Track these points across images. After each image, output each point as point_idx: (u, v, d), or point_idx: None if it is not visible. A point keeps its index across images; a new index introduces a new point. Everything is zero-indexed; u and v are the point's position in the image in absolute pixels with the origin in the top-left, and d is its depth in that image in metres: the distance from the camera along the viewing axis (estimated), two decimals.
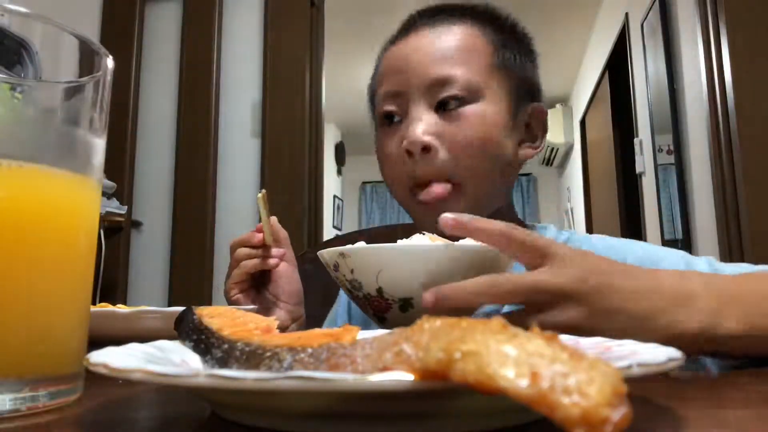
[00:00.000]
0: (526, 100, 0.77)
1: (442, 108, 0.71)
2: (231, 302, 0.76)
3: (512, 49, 0.76)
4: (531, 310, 0.41)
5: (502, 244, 0.44)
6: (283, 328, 0.73)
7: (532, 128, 0.79)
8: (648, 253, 0.69)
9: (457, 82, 0.70)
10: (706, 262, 0.65)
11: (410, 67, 0.72)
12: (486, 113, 0.71)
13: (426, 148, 0.68)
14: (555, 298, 0.40)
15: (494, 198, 0.75)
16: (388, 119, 0.75)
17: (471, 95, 0.71)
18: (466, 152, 0.69)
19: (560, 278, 0.40)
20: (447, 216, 0.44)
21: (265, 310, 0.76)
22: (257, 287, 0.77)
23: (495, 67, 0.73)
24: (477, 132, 0.70)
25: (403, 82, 0.72)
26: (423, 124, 0.69)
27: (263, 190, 0.75)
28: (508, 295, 0.41)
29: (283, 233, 0.79)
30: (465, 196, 0.70)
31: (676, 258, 0.67)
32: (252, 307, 0.56)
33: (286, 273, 0.77)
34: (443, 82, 0.70)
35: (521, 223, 0.78)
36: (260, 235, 0.76)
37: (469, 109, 0.71)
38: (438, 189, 0.69)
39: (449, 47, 0.73)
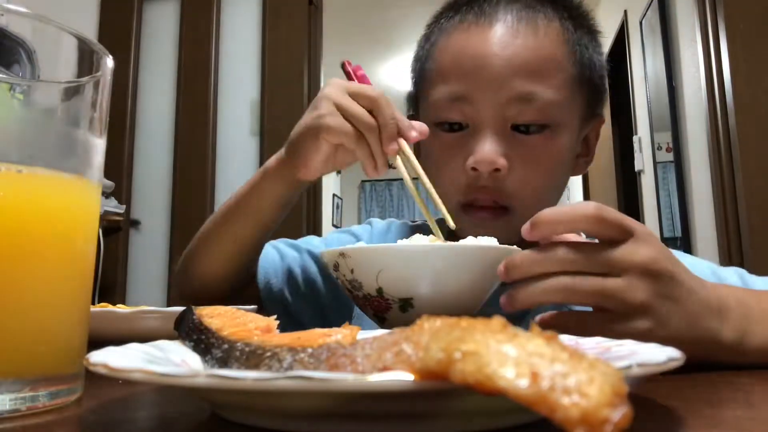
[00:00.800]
0: (594, 113, 0.72)
1: (518, 130, 0.64)
2: (313, 136, 0.62)
3: (587, 45, 0.69)
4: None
5: (593, 227, 0.41)
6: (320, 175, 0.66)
7: (590, 140, 0.74)
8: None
9: (539, 102, 0.63)
10: (735, 274, 0.62)
11: (487, 72, 0.63)
12: (560, 144, 0.66)
13: (497, 170, 0.62)
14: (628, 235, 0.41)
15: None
16: (451, 126, 0.66)
17: (549, 120, 0.64)
18: (532, 180, 0.64)
19: (637, 257, 0.40)
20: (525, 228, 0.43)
21: (332, 157, 0.64)
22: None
23: (575, 81, 0.67)
24: (549, 163, 0.65)
25: (476, 88, 0.64)
26: (495, 144, 0.63)
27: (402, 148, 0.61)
28: (587, 297, 0.41)
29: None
30: (516, 216, 0.64)
31: (702, 267, 0.64)
32: (252, 307, 0.55)
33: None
34: (525, 99, 0.63)
35: None
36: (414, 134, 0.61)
37: (545, 138, 0.65)
38: (491, 212, 0.64)
39: (535, 56, 0.64)
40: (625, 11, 3.27)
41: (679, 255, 0.64)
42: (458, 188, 0.65)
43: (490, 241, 0.51)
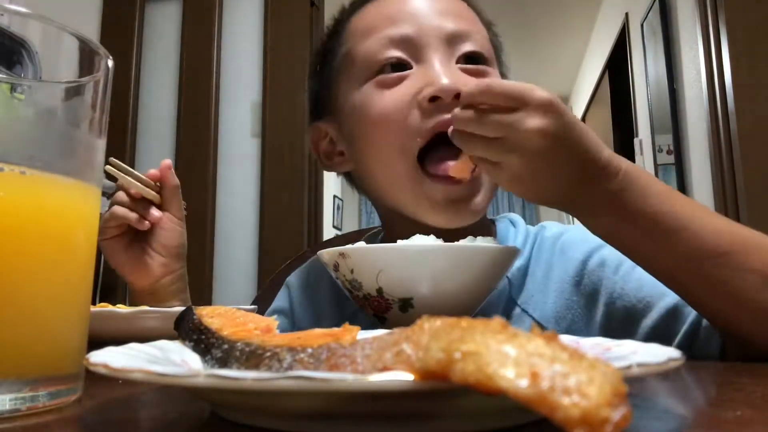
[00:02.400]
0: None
1: (465, 62, 0.63)
2: (101, 246, 0.72)
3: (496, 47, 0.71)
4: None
5: (482, 97, 0.47)
6: (152, 281, 0.73)
7: None
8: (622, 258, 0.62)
9: (477, 41, 0.64)
10: None
11: (423, 12, 0.63)
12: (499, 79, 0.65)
13: (458, 95, 0.55)
14: (535, 106, 0.46)
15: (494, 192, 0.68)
16: (390, 68, 0.62)
17: (488, 58, 0.65)
18: None
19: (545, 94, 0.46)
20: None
21: (135, 259, 0.73)
22: (135, 235, 0.74)
23: (493, 47, 0.69)
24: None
25: (416, 28, 0.62)
26: (450, 74, 0.60)
27: (110, 159, 0.69)
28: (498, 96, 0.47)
29: (173, 182, 0.75)
30: (481, 189, 0.62)
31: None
32: (252, 307, 0.56)
33: (167, 225, 0.74)
34: (464, 36, 0.63)
35: (489, 223, 0.74)
36: (150, 172, 0.73)
37: (492, 72, 0.65)
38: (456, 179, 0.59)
39: (463, 8, 0.67)
40: (626, 14, 3.27)
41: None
42: (412, 129, 0.59)
43: (490, 242, 0.51)
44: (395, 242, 0.50)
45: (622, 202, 0.48)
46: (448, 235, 0.55)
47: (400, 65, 0.62)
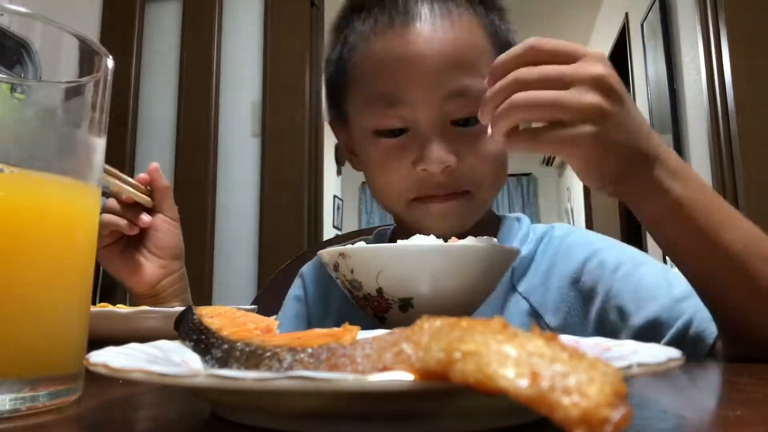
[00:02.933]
0: None
1: (458, 123, 0.64)
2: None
3: (500, 25, 0.69)
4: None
5: (532, 57, 0.46)
6: (151, 284, 0.74)
7: None
8: (631, 256, 0.66)
9: (473, 93, 0.61)
10: (686, 283, 0.64)
11: (417, 73, 0.63)
12: None
13: (446, 167, 0.63)
14: (591, 56, 0.46)
15: (496, 195, 0.73)
16: (390, 132, 0.66)
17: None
18: (484, 167, 0.65)
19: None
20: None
21: (132, 264, 0.74)
22: (129, 240, 0.75)
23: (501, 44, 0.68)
24: (495, 149, 0.66)
25: (410, 90, 0.63)
26: (441, 144, 0.63)
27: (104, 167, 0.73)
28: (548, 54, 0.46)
29: (163, 184, 0.76)
30: (473, 202, 0.67)
31: (656, 263, 0.66)
32: (252, 307, 0.56)
33: (161, 227, 0.75)
34: (459, 94, 0.63)
35: (495, 216, 0.78)
36: (139, 176, 0.75)
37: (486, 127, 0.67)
38: (449, 200, 0.65)
39: (458, 48, 0.64)
40: (626, 14, 3.27)
41: (613, 243, 0.71)
42: (408, 187, 0.65)
43: (490, 241, 0.51)
44: (396, 241, 0.50)
45: (681, 182, 0.48)
46: (449, 234, 0.55)
47: (397, 129, 0.66)
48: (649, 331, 0.58)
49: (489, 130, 0.48)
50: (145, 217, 0.73)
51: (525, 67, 0.46)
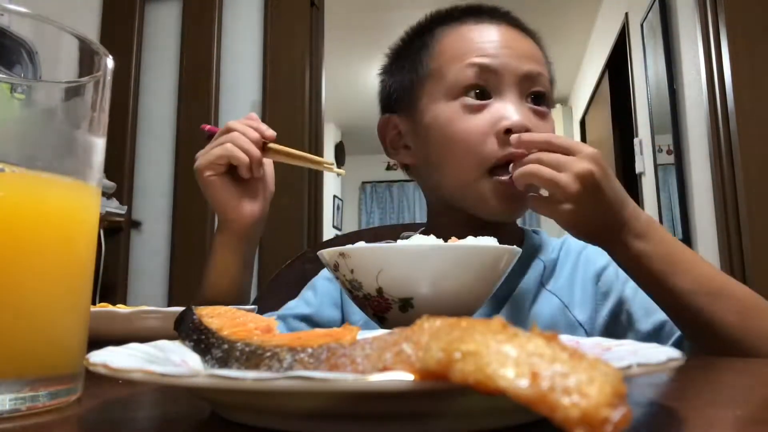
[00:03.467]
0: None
1: (530, 101, 0.73)
2: (203, 181, 0.76)
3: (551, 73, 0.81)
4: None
5: (546, 147, 0.62)
6: (254, 220, 0.77)
7: None
8: None
9: (542, 82, 0.74)
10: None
11: (507, 50, 0.73)
12: (553, 122, 0.77)
13: (527, 131, 0.68)
14: (585, 155, 0.59)
15: None
16: (474, 94, 0.72)
17: (549, 100, 0.76)
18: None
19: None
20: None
21: (243, 196, 0.76)
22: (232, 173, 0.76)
23: (551, 80, 0.78)
24: (552, 134, 0.72)
25: (500, 63, 0.72)
26: (522, 112, 0.71)
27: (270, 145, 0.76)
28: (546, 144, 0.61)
29: (270, 132, 0.80)
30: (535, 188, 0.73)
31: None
32: (252, 307, 0.55)
33: (269, 169, 0.81)
34: (534, 78, 0.73)
35: (520, 229, 0.84)
36: (271, 132, 0.78)
37: (550, 114, 0.76)
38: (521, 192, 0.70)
39: (534, 49, 0.76)
40: (626, 14, 3.27)
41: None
42: (487, 154, 0.69)
43: (490, 241, 0.51)
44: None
45: (643, 240, 0.61)
46: (450, 234, 0.55)
47: (482, 93, 0.72)
48: (654, 335, 0.69)
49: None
50: (262, 170, 0.78)
51: (541, 151, 0.61)
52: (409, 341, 0.21)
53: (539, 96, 0.74)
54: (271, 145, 0.76)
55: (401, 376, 0.19)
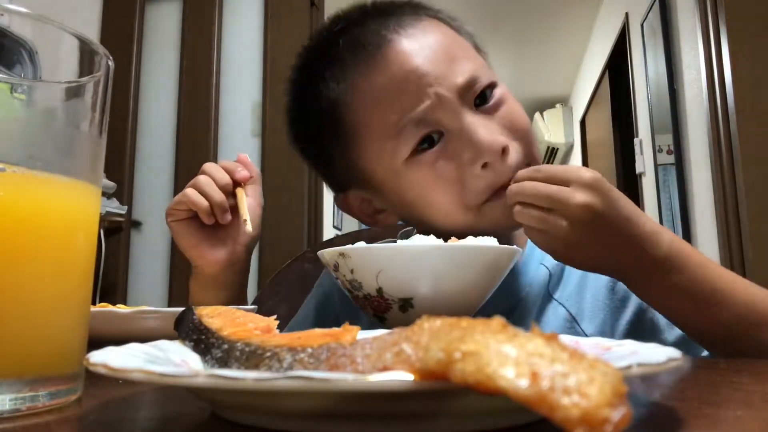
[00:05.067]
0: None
1: (477, 105, 0.64)
2: (168, 226, 0.73)
3: (460, 27, 0.71)
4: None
5: (535, 176, 0.53)
6: (223, 266, 0.73)
7: None
8: None
9: (480, 77, 0.63)
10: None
11: (425, 82, 0.62)
12: (508, 93, 0.67)
13: (505, 149, 0.61)
14: (581, 184, 0.51)
15: None
16: (423, 145, 0.63)
17: (492, 79, 0.66)
18: (525, 132, 0.65)
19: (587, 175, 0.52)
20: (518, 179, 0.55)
21: (208, 242, 0.72)
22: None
23: (473, 49, 0.69)
24: (518, 108, 0.66)
25: (426, 100, 0.61)
26: (484, 128, 0.61)
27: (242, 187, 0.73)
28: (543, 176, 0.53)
29: (253, 171, 0.76)
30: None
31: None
32: (252, 307, 0.56)
33: (255, 212, 0.73)
34: (472, 82, 0.63)
35: None
36: (244, 173, 0.73)
37: (501, 92, 0.66)
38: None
39: (445, 47, 0.64)
40: (626, 14, 3.27)
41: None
42: (474, 196, 0.62)
43: (490, 241, 0.51)
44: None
45: (667, 270, 0.52)
46: (450, 234, 0.55)
47: (429, 138, 0.63)
48: (681, 345, 0.60)
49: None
50: (228, 216, 0.72)
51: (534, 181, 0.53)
52: (409, 341, 0.21)
53: (487, 89, 0.65)
54: (238, 189, 0.73)
55: (401, 376, 0.19)
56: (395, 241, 0.50)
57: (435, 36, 0.65)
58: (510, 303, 0.68)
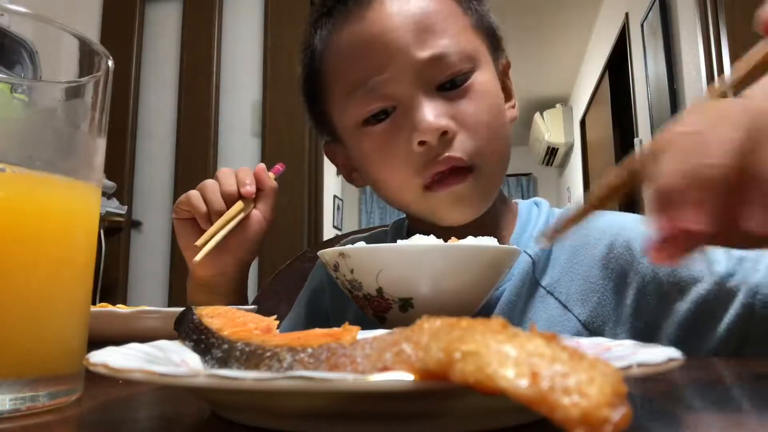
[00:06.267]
0: (497, 55, 0.70)
1: (443, 88, 0.62)
2: (173, 222, 0.74)
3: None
4: None
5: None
6: (214, 271, 0.73)
7: (507, 85, 0.72)
8: None
9: (451, 57, 0.61)
10: (724, 253, 0.58)
11: (389, 49, 0.61)
12: (486, 83, 0.64)
13: (444, 133, 0.60)
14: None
15: (503, 173, 0.69)
16: (374, 118, 0.64)
17: (468, 66, 0.63)
18: (481, 131, 0.62)
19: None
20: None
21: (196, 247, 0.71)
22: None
23: (471, 28, 0.66)
24: (486, 106, 0.63)
25: (385, 69, 0.61)
26: (431, 109, 0.60)
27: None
28: None
29: (270, 184, 0.75)
30: (482, 179, 0.63)
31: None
32: (252, 307, 0.56)
33: (251, 219, 0.73)
34: (437, 60, 0.61)
35: (514, 206, 0.75)
36: (248, 189, 0.72)
37: (473, 83, 0.63)
38: (458, 181, 0.62)
39: (426, 16, 0.62)
40: (627, 14, 3.27)
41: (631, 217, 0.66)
42: (413, 171, 0.62)
43: (490, 241, 0.51)
44: (397, 241, 0.50)
45: None
46: (451, 232, 0.55)
47: (383, 111, 0.63)
48: (700, 316, 0.55)
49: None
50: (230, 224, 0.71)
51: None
52: (409, 341, 0.21)
53: (455, 77, 0.62)
54: (239, 203, 0.72)
55: (401, 376, 0.19)
56: (395, 241, 0.50)
57: (423, 2, 0.63)
58: (492, 298, 0.63)
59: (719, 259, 0.56)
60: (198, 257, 0.68)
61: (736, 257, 0.56)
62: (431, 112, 0.60)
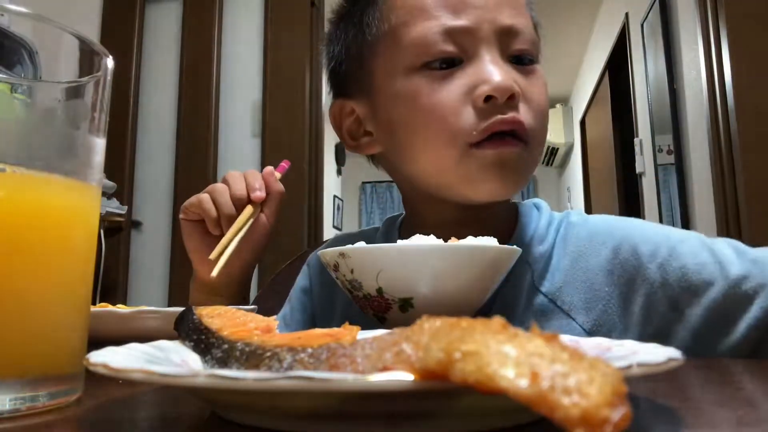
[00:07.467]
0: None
1: (514, 61, 0.61)
2: (180, 222, 0.75)
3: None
4: None
5: None
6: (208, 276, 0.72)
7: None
8: (663, 236, 0.60)
9: (525, 36, 0.61)
10: (726, 244, 0.58)
11: (477, 3, 0.60)
12: (544, 78, 0.64)
13: (511, 97, 0.57)
14: None
15: (536, 167, 0.66)
16: (443, 63, 0.60)
17: (535, 52, 0.63)
18: (539, 114, 0.61)
19: None
20: None
21: (205, 249, 0.70)
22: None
23: (534, 23, 0.66)
24: (544, 94, 0.63)
25: (473, 19, 0.59)
26: (504, 70, 0.58)
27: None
28: None
29: (276, 188, 0.75)
30: (530, 159, 0.61)
31: (694, 241, 0.59)
32: (252, 307, 0.56)
33: (256, 223, 0.73)
34: (515, 33, 0.60)
35: (514, 207, 0.72)
36: (258, 194, 0.72)
37: (538, 70, 0.63)
38: (513, 145, 0.59)
39: None
40: (627, 14, 3.27)
41: (640, 224, 0.65)
42: (465, 126, 0.58)
43: (490, 241, 0.51)
44: (403, 238, 0.50)
45: None
46: (451, 233, 0.55)
47: (450, 59, 0.60)
48: (714, 322, 0.54)
49: None
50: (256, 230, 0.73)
51: None
52: (409, 341, 0.21)
53: (523, 55, 0.62)
54: (248, 207, 0.71)
55: (401, 376, 0.19)
56: (387, 239, 0.50)
57: None
58: (488, 303, 0.59)
59: (732, 261, 0.55)
60: (214, 272, 0.66)
61: (750, 258, 0.55)
62: (503, 72, 0.58)
